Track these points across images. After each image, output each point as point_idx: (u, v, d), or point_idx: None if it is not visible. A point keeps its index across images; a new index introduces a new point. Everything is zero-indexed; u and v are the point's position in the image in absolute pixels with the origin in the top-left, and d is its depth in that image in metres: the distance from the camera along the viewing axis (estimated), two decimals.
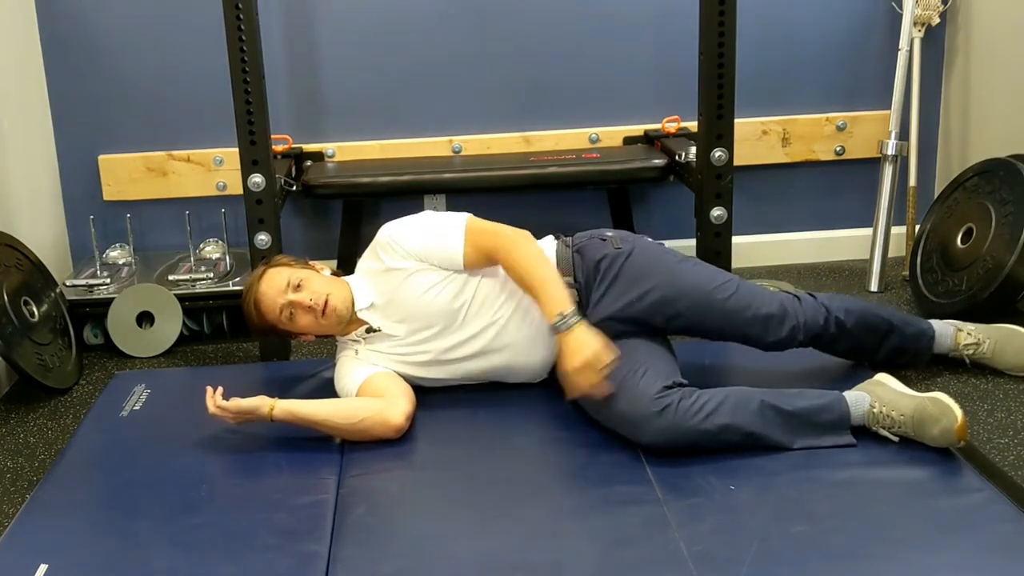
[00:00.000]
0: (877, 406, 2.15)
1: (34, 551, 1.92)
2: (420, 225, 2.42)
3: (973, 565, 1.78)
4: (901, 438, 2.14)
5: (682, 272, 2.38)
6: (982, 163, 3.10)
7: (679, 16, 3.33)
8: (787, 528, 1.89)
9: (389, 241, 2.39)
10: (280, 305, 2.36)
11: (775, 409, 2.15)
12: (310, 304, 2.35)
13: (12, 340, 2.67)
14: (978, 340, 2.58)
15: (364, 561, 1.86)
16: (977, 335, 2.59)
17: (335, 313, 2.37)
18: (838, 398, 2.18)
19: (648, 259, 2.39)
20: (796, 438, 2.15)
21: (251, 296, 2.40)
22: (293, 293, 2.36)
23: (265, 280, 2.40)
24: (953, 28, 3.44)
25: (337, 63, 3.37)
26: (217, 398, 2.25)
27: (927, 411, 2.08)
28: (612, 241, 2.42)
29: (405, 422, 2.28)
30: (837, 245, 3.60)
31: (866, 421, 2.16)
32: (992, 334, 2.59)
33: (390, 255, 2.38)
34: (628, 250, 2.39)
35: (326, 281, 2.42)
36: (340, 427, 2.26)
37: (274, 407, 2.24)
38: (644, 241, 2.46)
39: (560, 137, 3.46)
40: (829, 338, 2.46)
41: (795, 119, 3.50)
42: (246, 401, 2.24)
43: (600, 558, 1.85)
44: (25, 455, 2.46)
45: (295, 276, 2.38)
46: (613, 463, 2.15)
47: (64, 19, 3.28)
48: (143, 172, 3.40)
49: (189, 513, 2.04)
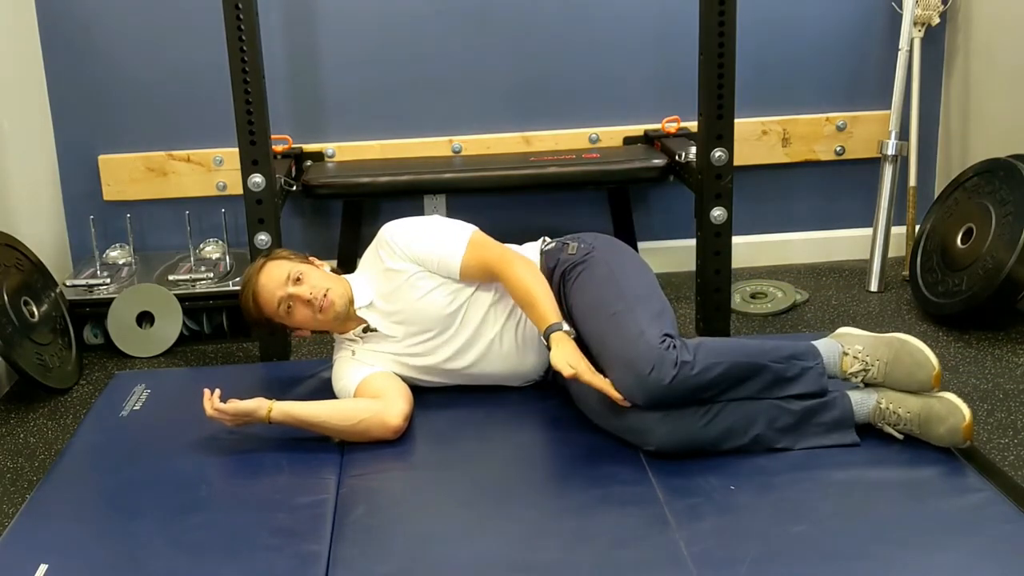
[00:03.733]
0: (884, 402, 2.13)
1: (34, 551, 1.92)
2: (424, 229, 2.41)
3: (973, 565, 1.78)
4: (906, 436, 2.13)
5: (590, 289, 2.30)
6: (982, 163, 3.10)
7: (679, 16, 3.33)
8: (787, 528, 1.89)
9: (390, 241, 2.39)
10: (279, 298, 2.36)
11: (781, 408, 2.13)
12: (309, 298, 2.34)
13: (12, 340, 2.67)
14: (865, 365, 2.18)
15: (364, 561, 1.86)
16: (865, 357, 2.18)
17: (333, 308, 2.36)
18: (841, 395, 2.16)
19: (581, 273, 2.34)
20: (799, 439, 2.13)
21: (249, 288, 2.39)
22: (293, 286, 2.36)
23: (264, 272, 2.39)
24: (953, 28, 3.44)
25: (337, 63, 3.37)
26: (215, 400, 2.24)
27: (934, 409, 2.07)
28: (569, 247, 2.41)
29: (403, 423, 2.28)
30: (837, 245, 3.60)
31: (871, 418, 2.15)
32: (881, 354, 2.17)
33: (390, 255, 2.38)
34: (579, 259, 2.37)
35: (326, 276, 2.43)
36: (338, 428, 2.26)
37: (272, 409, 2.24)
38: (601, 254, 2.38)
39: (560, 137, 3.46)
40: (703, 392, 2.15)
41: (795, 119, 3.50)
42: (244, 403, 2.24)
43: (600, 558, 1.84)
44: (25, 455, 2.46)
45: (295, 269, 2.38)
46: (613, 463, 2.15)
47: (64, 19, 3.28)
48: (143, 172, 3.40)
49: (189, 513, 2.04)
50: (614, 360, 2.14)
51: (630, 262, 2.40)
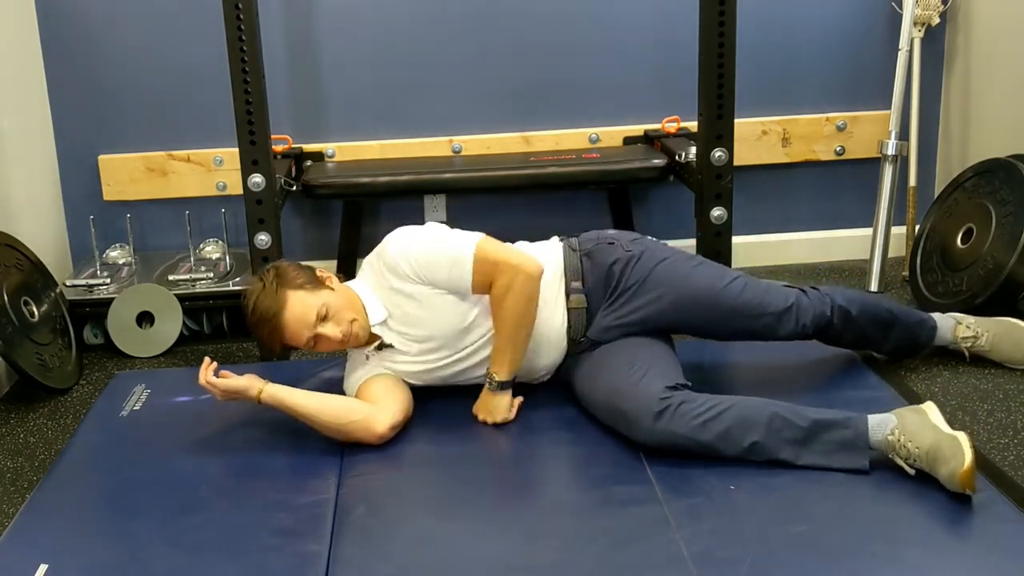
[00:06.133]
0: (896, 434, 2.03)
1: (34, 551, 1.93)
2: (428, 246, 2.33)
3: (973, 565, 1.79)
4: (918, 472, 2.02)
5: (691, 275, 2.39)
6: (982, 163, 3.10)
7: (679, 16, 3.32)
8: (787, 528, 1.89)
9: (395, 262, 2.31)
10: (307, 337, 2.28)
11: (785, 420, 2.08)
12: (341, 338, 2.28)
13: (12, 340, 2.67)
14: (976, 333, 2.60)
15: (364, 561, 1.87)
16: (976, 328, 2.61)
17: (357, 340, 2.33)
18: (859, 416, 2.08)
19: (657, 263, 2.38)
20: (803, 453, 2.07)
21: (272, 324, 2.27)
22: (321, 326, 2.27)
23: (289, 310, 2.26)
24: (953, 28, 3.44)
25: (337, 63, 3.37)
26: (208, 373, 2.25)
27: (941, 450, 1.96)
28: (620, 244, 2.42)
29: (389, 432, 2.26)
30: (837, 245, 3.60)
31: (883, 447, 2.06)
32: (991, 327, 2.61)
33: (395, 275, 2.32)
34: (637, 253, 2.39)
35: (345, 301, 2.32)
36: (325, 424, 2.25)
37: (262, 391, 2.24)
38: (650, 243, 2.46)
39: (560, 137, 3.46)
40: (835, 331, 2.46)
41: (795, 119, 3.50)
42: (236, 380, 2.25)
43: (600, 558, 1.85)
44: (25, 455, 2.46)
45: (320, 305, 2.27)
46: (613, 463, 2.15)
47: (64, 19, 3.28)
48: (143, 172, 3.40)
49: (189, 513, 2.04)
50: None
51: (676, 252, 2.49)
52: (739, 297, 2.36)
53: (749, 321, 2.38)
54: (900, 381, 2.52)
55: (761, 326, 2.39)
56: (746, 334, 2.42)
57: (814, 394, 2.39)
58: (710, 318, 2.38)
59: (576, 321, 2.38)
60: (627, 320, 2.36)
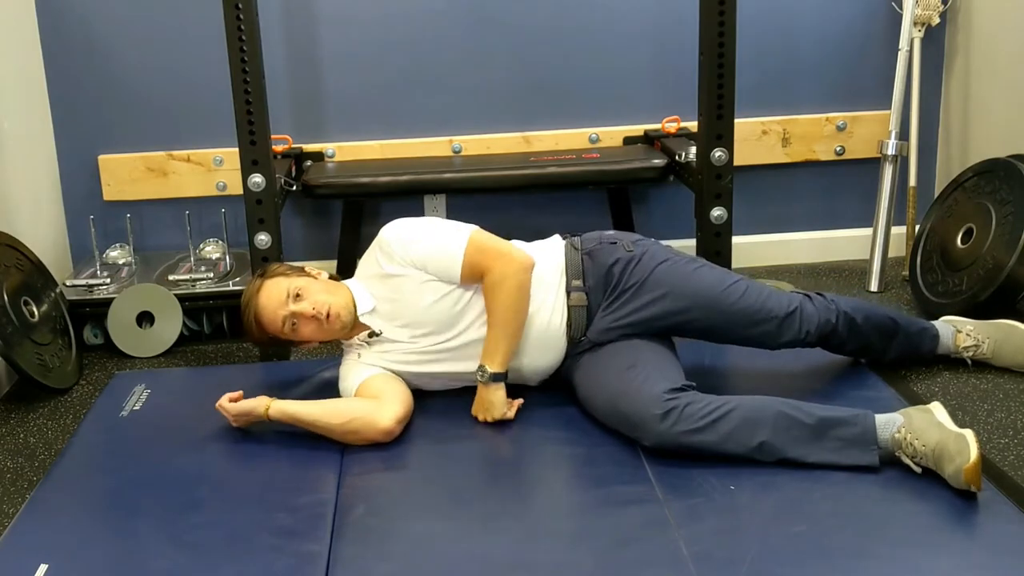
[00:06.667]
0: (903, 432, 2.03)
1: (34, 551, 1.93)
2: (423, 233, 2.39)
3: (973, 565, 1.79)
4: (924, 470, 2.02)
5: (691, 277, 2.38)
6: (982, 163, 3.10)
7: (679, 16, 3.33)
8: (787, 528, 1.89)
9: (389, 246, 2.37)
10: (282, 317, 2.34)
11: (791, 419, 2.08)
12: (313, 313, 2.33)
13: (12, 340, 2.67)
14: (977, 341, 2.58)
15: (364, 561, 1.87)
16: (976, 336, 2.59)
17: (339, 320, 2.35)
18: (865, 413, 2.09)
19: (657, 264, 2.38)
20: (812, 451, 2.07)
21: (251, 310, 2.37)
22: (294, 303, 2.33)
23: (263, 293, 2.36)
24: (953, 28, 3.44)
25: (337, 63, 3.37)
26: (224, 400, 2.31)
27: (947, 447, 1.96)
28: (622, 245, 2.41)
29: (395, 426, 2.27)
30: (837, 245, 3.60)
31: (890, 445, 2.06)
32: (991, 333, 2.59)
33: (388, 260, 2.37)
34: (639, 254, 2.39)
35: (325, 287, 2.40)
36: (330, 427, 2.26)
37: (269, 407, 2.28)
38: (651, 244, 2.45)
39: (560, 137, 3.46)
40: (838, 338, 2.45)
41: (795, 119, 3.50)
42: (244, 402, 2.31)
43: (600, 558, 1.85)
44: (25, 455, 2.46)
45: (293, 286, 2.35)
46: (613, 463, 2.15)
47: (64, 19, 3.28)
48: (143, 172, 3.40)
49: (189, 513, 2.04)
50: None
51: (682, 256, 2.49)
52: (739, 301, 2.35)
53: (749, 326, 2.37)
54: (901, 382, 2.52)
55: (761, 331, 2.37)
56: (746, 339, 2.40)
57: (816, 396, 2.37)
58: (709, 321, 2.37)
59: (576, 320, 2.38)
60: (626, 321, 2.35)
